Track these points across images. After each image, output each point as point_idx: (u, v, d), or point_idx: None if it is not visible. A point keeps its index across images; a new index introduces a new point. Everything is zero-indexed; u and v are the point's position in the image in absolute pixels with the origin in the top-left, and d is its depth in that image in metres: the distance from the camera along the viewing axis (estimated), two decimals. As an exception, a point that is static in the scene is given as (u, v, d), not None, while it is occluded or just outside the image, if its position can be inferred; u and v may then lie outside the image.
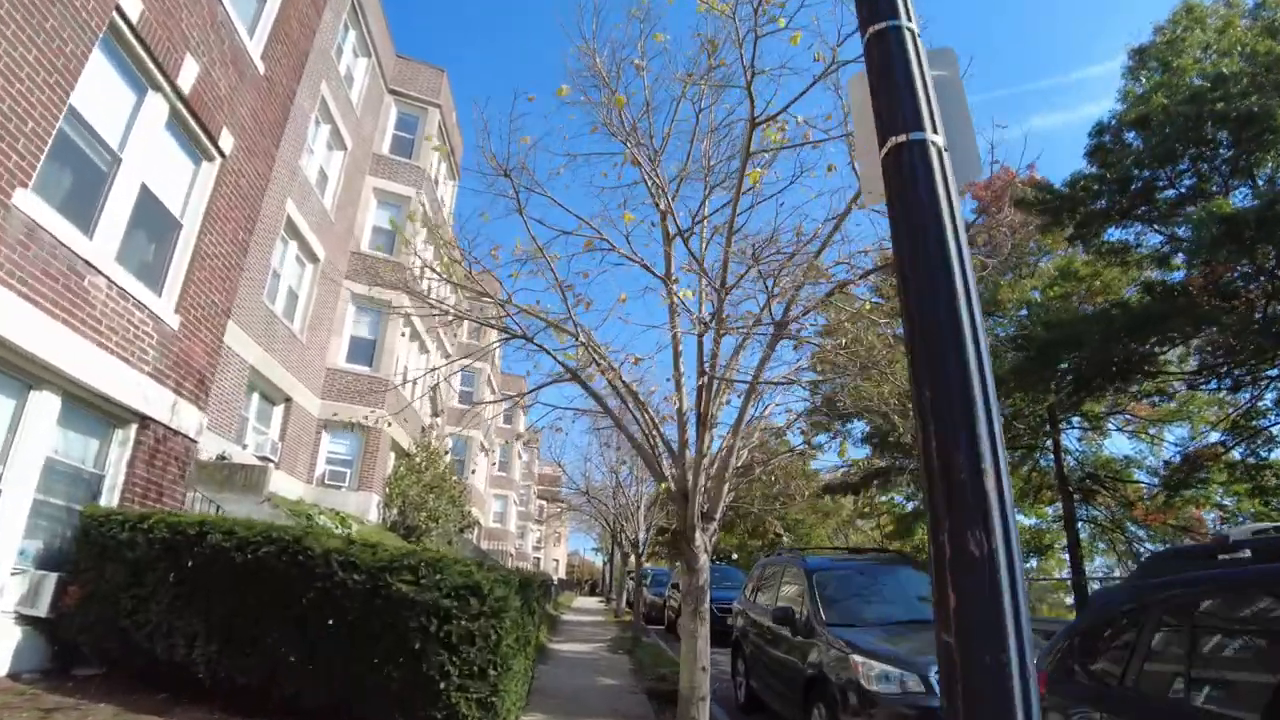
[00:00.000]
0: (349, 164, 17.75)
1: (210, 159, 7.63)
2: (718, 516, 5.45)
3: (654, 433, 5.64)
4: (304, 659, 4.06)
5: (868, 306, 4.31)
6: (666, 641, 15.38)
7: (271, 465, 13.59)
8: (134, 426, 6.50)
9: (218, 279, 7.77)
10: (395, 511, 16.75)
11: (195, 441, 7.47)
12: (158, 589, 4.80)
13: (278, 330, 14.28)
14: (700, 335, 4.68)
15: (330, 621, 4.05)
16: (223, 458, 11.55)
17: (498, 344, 6.18)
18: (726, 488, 5.41)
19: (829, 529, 32.13)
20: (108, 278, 5.98)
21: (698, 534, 5.35)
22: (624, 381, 5.61)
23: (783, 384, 5.26)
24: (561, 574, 64.38)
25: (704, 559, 5.37)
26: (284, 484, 14.49)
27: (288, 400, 14.94)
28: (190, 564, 4.66)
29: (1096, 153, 12.64)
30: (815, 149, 4.63)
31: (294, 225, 14.72)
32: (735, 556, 32.17)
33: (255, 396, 13.95)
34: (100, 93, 5.97)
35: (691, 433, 5.74)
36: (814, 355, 5.10)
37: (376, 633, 3.94)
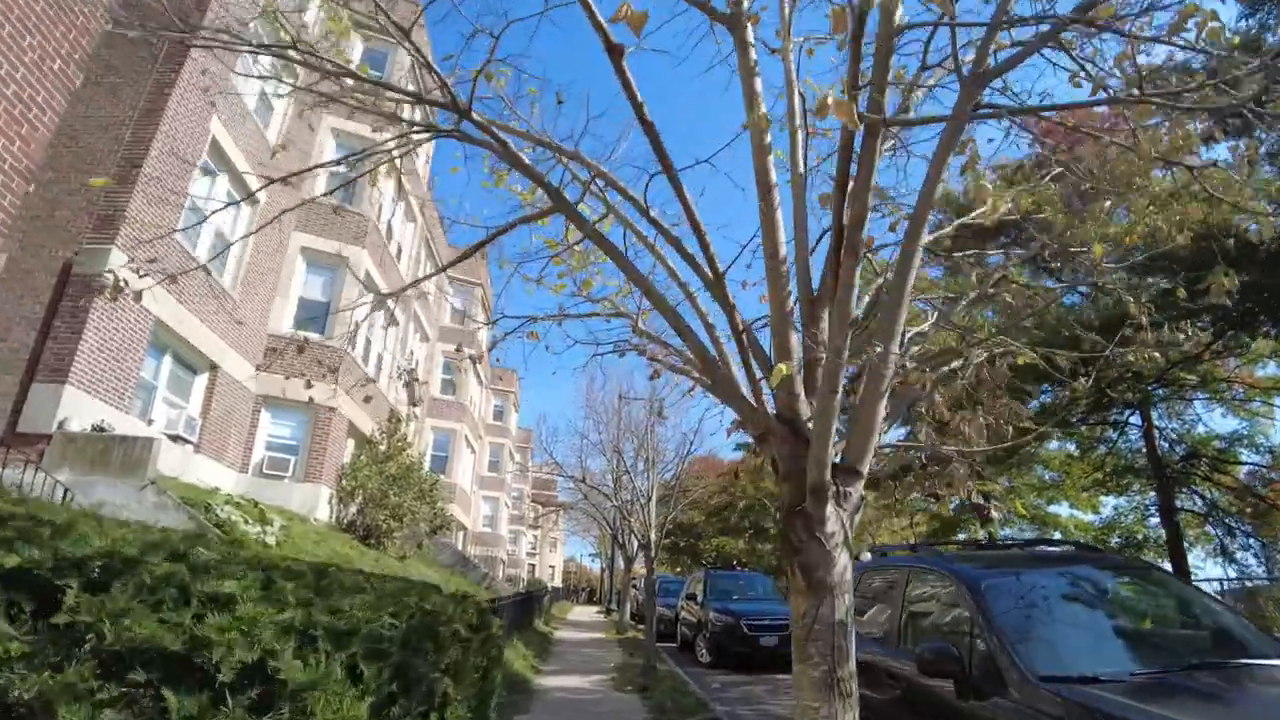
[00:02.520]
0: (299, 95, 14.94)
1: (-9, -71, 4.81)
2: (866, 466, 2.62)
3: (717, 287, 2.86)
4: None
5: None
6: (683, 665, 12.51)
7: (172, 442, 10.73)
8: None
9: (4, 116, 4.93)
10: (353, 509, 13.86)
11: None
12: None
13: (198, 280, 11.40)
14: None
15: None
16: (100, 429, 8.67)
17: (421, 133, 3.37)
18: (884, 402, 2.60)
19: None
20: None
21: (829, 509, 2.52)
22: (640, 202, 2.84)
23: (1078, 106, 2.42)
24: (558, 581, 61.38)
25: (843, 561, 2.54)
26: (208, 472, 11.58)
27: (213, 368, 12.05)
28: None
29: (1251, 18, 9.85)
30: None
31: (222, 151, 11.88)
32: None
33: (166, 360, 11.06)
34: None
35: (794, 303, 2.98)
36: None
37: None
